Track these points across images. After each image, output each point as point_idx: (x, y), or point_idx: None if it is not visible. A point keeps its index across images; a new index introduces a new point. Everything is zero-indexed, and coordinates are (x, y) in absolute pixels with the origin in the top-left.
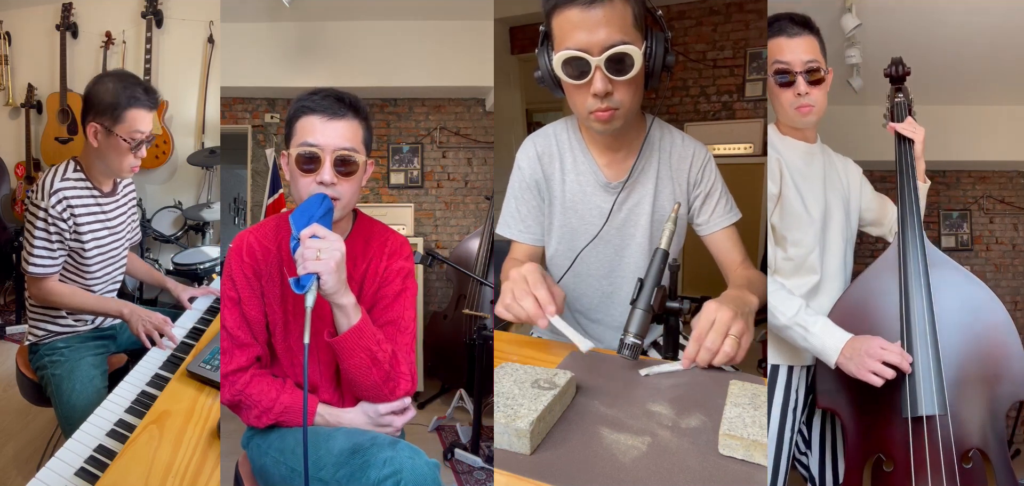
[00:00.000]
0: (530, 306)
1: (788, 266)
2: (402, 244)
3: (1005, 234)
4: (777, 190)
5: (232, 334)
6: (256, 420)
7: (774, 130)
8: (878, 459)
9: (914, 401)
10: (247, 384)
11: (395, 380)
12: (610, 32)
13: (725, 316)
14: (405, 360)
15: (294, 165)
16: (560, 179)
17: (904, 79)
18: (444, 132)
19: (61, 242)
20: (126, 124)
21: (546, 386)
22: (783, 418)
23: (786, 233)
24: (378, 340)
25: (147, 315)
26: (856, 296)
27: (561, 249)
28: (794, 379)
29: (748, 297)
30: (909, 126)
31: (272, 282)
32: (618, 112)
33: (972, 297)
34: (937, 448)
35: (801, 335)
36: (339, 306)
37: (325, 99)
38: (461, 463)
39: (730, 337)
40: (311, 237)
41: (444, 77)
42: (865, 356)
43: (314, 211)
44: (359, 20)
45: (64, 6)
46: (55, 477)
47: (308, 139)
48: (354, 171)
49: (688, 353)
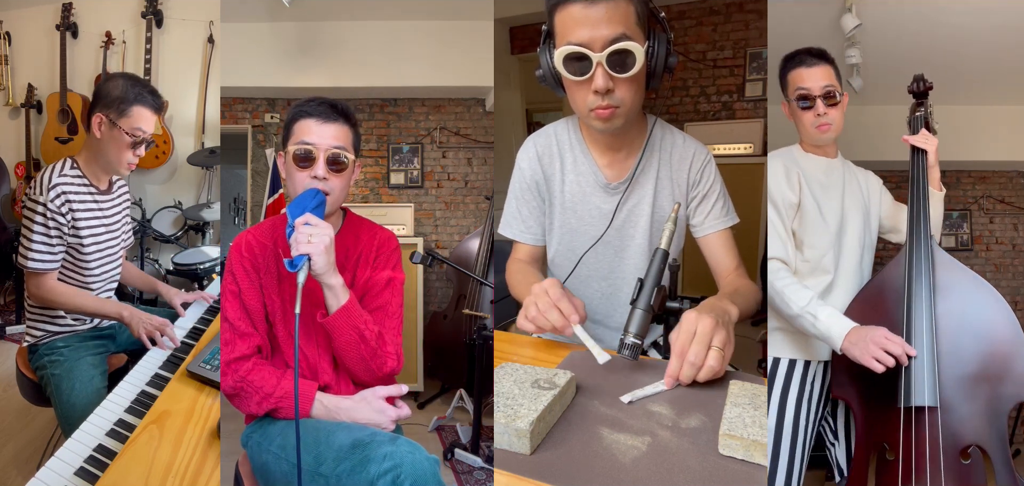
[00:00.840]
0: (556, 318)
1: (805, 267)
2: (389, 238)
3: (1005, 234)
4: (796, 200)
5: (233, 324)
6: (256, 406)
7: (797, 149)
8: (883, 449)
9: (908, 391)
10: (249, 372)
11: (381, 357)
12: (612, 28)
13: (706, 326)
14: (392, 341)
15: (291, 161)
16: (560, 179)
17: (927, 94)
18: (444, 132)
19: (60, 237)
20: (130, 119)
21: (546, 386)
22: (798, 410)
23: (804, 237)
24: (365, 320)
25: (147, 317)
26: (870, 292)
27: (562, 250)
28: (810, 373)
29: (728, 307)
30: (922, 138)
31: (269, 274)
32: (619, 110)
33: (979, 299)
34: (936, 440)
35: (810, 322)
36: (329, 286)
37: (320, 105)
38: (461, 463)
39: (713, 349)
40: (304, 224)
41: (444, 77)
42: (869, 342)
43: (308, 203)
44: (359, 20)
45: (64, 6)
46: (55, 477)
47: (304, 138)
48: (344, 168)
49: (670, 370)
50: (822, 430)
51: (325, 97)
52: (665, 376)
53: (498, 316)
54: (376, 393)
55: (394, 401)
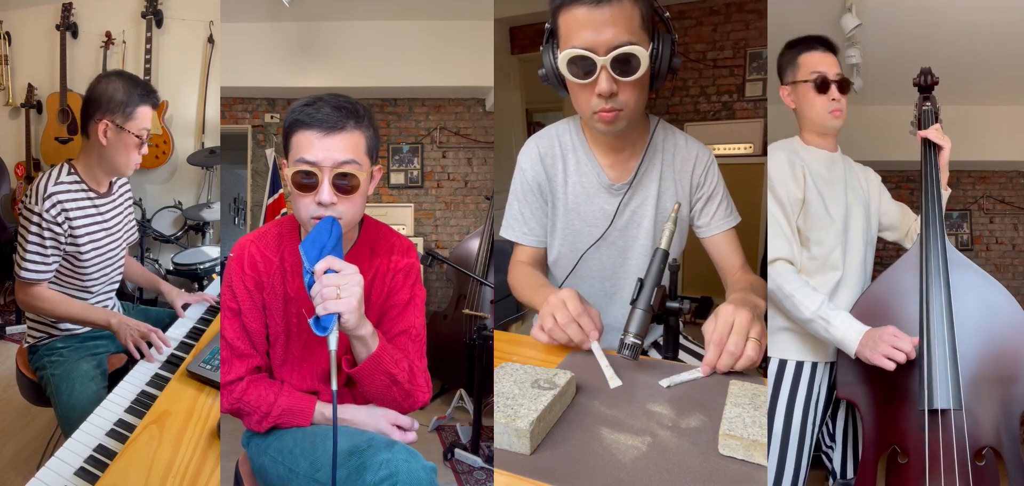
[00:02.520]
0: (575, 333)
1: (812, 265)
2: (408, 249)
3: (1005, 234)
4: (801, 195)
5: (232, 345)
6: (257, 425)
7: (797, 141)
8: (893, 452)
9: (931, 393)
10: (244, 392)
11: (413, 396)
12: (617, 32)
13: (744, 319)
14: (420, 371)
15: (292, 184)
16: (562, 181)
17: (932, 88)
18: (444, 132)
19: (55, 247)
20: (136, 121)
21: (546, 386)
22: (805, 413)
23: (810, 234)
24: (396, 360)
25: (134, 325)
26: (877, 293)
27: (564, 251)
28: (817, 375)
29: (757, 300)
30: (937, 133)
31: (274, 294)
32: (622, 113)
33: (991, 299)
34: (950, 443)
35: (823, 327)
36: (358, 337)
37: (321, 111)
38: (461, 463)
39: (751, 340)
40: (326, 271)
41: (444, 77)
42: (879, 341)
43: (325, 241)
44: (359, 20)
45: (64, 6)
46: (55, 477)
47: (304, 155)
48: (355, 187)
49: (708, 359)
50: (820, 432)
51: (328, 96)
52: (702, 364)
53: (498, 316)
54: (388, 417)
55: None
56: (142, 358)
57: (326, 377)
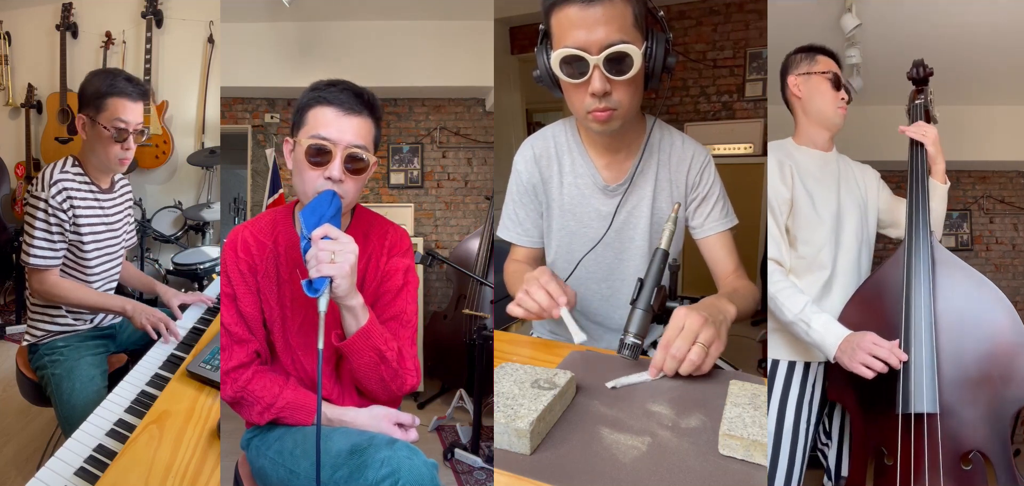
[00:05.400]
0: (543, 298)
1: (801, 264)
2: (402, 237)
3: (1005, 234)
4: (789, 195)
5: (230, 330)
6: (258, 417)
7: (790, 142)
8: (880, 452)
9: (907, 398)
10: (249, 381)
11: (402, 377)
12: (609, 31)
13: (693, 322)
14: (410, 355)
15: (302, 156)
16: (558, 182)
17: (927, 81)
18: (444, 132)
19: (61, 233)
20: (107, 112)
21: (546, 386)
22: (798, 412)
23: (798, 233)
24: (385, 338)
25: (149, 310)
26: (868, 291)
27: (561, 252)
28: (811, 374)
29: (725, 305)
30: (918, 130)
31: (268, 278)
32: (616, 112)
33: (981, 298)
34: (936, 446)
35: (804, 330)
36: (349, 308)
37: (343, 92)
38: (461, 463)
39: (697, 345)
40: (323, 238)
41: (444, 77)
42: (857, 349)
43: (325, 210)
44: (359, 20)
45: (64, 6)
46: (55, 477)
47: (321, 131)
48: (362, 169)
49: (655, 360)
50: (817, 431)
51: (346, 82)
52: (650, 367)
53: (498, 316)
54: (389, 416)
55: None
56: (159, 337)
57: (326, 364)
